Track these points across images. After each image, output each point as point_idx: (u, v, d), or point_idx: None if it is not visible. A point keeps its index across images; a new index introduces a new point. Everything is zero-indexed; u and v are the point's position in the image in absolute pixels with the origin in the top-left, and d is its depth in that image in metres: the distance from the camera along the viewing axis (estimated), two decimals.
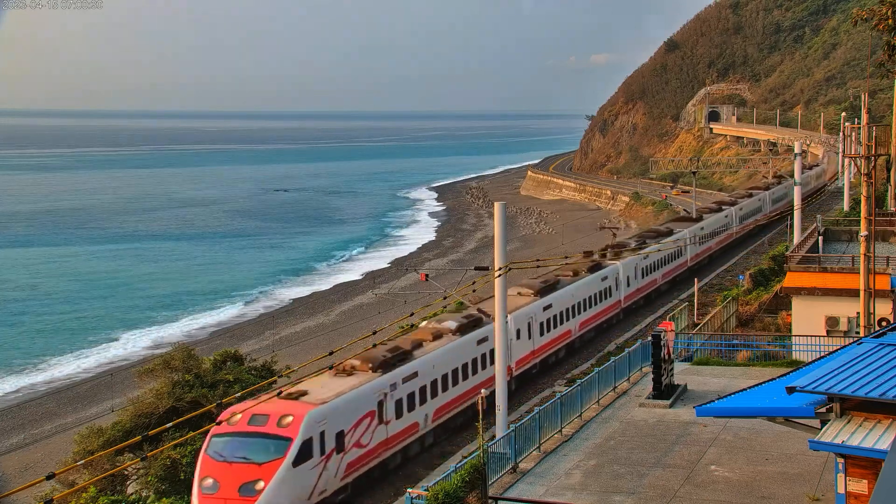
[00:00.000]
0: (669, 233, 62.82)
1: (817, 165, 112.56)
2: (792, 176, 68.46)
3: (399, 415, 32.32)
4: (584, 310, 48.82)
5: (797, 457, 22.71)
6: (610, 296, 52.44)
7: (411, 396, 33.09)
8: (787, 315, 40.97)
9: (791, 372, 19.77)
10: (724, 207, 76.55)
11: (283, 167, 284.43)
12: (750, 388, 20.25)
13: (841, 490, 16.35)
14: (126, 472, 30.45)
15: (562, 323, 45.87)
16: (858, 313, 33.00)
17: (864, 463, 15.88)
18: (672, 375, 29.13)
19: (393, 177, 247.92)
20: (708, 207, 77.52)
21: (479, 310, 40.19)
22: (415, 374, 33.15)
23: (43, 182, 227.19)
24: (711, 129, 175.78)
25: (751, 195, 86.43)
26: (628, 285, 54.78)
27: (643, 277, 57.19)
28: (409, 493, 19.94)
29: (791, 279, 39.49)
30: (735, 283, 59.32)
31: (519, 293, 44.17)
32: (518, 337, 41.18)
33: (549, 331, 44.37)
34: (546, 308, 44.09)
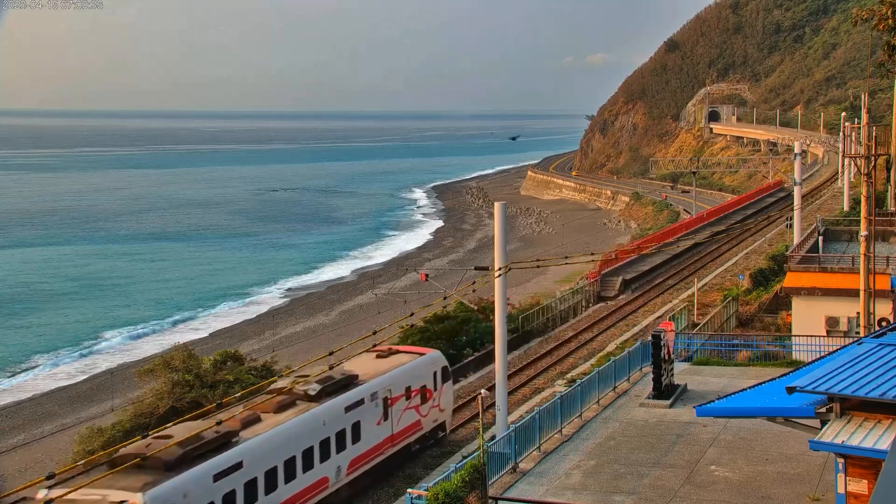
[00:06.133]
0: None
1: None
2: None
3: None
4: None
5: (797, 457, 22.68)
6: None
7: None
8: (787, 315, 40.99)
9: (791, 372, 19.76)
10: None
11: (282, 167, 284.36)
12: (750, 388, 20.25)
13: (841, 490, 16.34)
14: None
15: None
16: (858, 313, 33.00)
17: (864, 463, 15.87)
18: (672, 375, 29.12)
19: (393, 177, 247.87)
20: None
21: None
22: None
23: (43, 182, 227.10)
24: (711, 129, 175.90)
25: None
26: None
27: None
28: (410, 493, 19.91)
29: (791, 279, 39.49)
30: (735, 283, 59.33)
31: None
32: None
33: None
34: None
